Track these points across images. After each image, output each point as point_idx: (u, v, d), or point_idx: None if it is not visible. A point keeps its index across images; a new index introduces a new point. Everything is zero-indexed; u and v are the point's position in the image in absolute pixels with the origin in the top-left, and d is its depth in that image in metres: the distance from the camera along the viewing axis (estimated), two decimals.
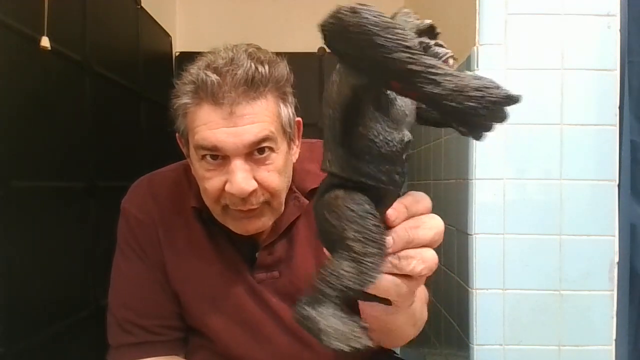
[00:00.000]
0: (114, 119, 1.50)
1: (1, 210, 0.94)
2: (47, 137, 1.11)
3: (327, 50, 0.30)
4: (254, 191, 0.65)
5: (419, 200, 0.39)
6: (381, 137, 0.31)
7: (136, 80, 1.68)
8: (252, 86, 0.63)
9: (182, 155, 0.80)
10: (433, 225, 0.39)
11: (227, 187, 0.64)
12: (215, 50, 0.67)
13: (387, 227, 0.36)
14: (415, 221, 0.38)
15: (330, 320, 0.32)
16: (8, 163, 0.97)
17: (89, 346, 1.26)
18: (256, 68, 0.63)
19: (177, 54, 2.15)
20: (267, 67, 0.65)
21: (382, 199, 0.35)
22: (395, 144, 0.32)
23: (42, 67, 1.09)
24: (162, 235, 0.77)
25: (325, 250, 0.37)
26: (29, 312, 1.03)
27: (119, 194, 0.82)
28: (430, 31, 0.33)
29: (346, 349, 0.31)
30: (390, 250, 0.36)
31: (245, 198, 0.65)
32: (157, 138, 1.78)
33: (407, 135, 0.32)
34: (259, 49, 0.68)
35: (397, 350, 0.93)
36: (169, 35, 2.08)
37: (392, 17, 0.32)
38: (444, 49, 0.32)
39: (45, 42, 1.03)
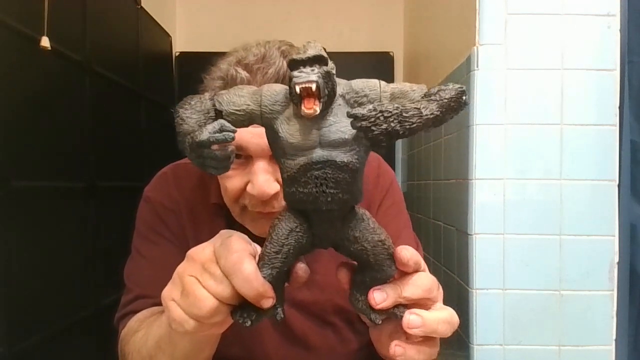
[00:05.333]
0: (114, 119, 1.50)
1: (1, 210, 0.94)
2: (47, 137, 1.11)
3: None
4: (276, 194, 0.63)
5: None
6: (286, 165, 0.38)
7: (136, 80, 1.68)
8: None
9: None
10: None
11: (249, 188, 0.63)
12: (247, 46, 0.65)
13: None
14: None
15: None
16: (8, 163, 0.97)
17: (89, 346, 1.26)
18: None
19: (177, 54, 2.15)
20: None
21: (311, 216, 0.40)
22: (292, 167, 0.38)
23: (42, 67, 1.09)
24: (188, 225, 0.75)
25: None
26: (29, 312, 1.03)
27: (119, 194, 0.81)
28: (317, 59, 0.35)
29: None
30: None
31: (265, 201, 0.63)
32: (157, 138, 1.78)
33: (301, 160, 0.37)
34: (291, 46, 0.66)
35: None
36: (169, 35, 2.08)
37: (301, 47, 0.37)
38: (303, 75, 0.34)
39: (45, 42, 1.03)
